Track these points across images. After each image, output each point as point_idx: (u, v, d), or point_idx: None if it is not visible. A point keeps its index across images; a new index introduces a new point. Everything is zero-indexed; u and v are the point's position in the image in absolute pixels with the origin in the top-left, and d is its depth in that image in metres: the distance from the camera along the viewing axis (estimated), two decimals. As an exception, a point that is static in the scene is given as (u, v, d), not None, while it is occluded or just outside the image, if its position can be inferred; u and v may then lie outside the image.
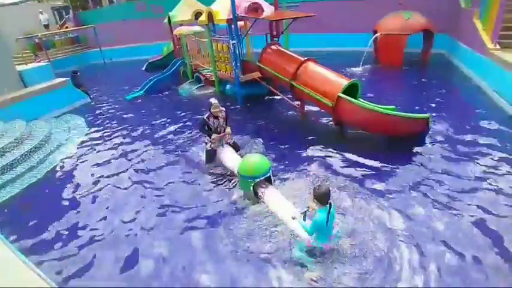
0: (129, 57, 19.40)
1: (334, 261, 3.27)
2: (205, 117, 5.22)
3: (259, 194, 4.32)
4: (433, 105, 7.24)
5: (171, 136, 7.06)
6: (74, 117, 9.08)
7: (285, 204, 4.03)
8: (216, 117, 5.24)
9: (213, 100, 5.17)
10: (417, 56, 11.21)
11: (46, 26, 21.20)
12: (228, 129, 5.35)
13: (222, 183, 4.98)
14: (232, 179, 4.98)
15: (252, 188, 4.31)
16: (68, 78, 10.26)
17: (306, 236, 3.37)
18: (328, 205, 3.15)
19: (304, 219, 3.37)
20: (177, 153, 6.21)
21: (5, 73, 8.97)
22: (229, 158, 5.18)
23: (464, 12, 10.40)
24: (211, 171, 5.33)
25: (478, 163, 4.80)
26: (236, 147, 5.52)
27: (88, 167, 6.14)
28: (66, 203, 5.06)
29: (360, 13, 13.27)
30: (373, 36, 11.15)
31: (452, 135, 5.74)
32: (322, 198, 3.13)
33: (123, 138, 7.34)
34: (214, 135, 5.22)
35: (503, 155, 4.92)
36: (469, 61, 9.34)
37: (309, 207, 3.30)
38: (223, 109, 5.33)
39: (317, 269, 3.22)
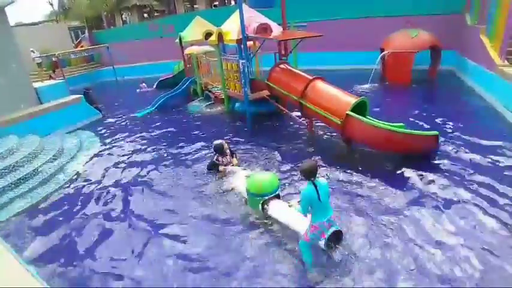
0: (140, 75, 19.94)
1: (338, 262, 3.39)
2: (214, 159, 5.65)
3: (265, 207, 4.31)
4: (442, 121, 7.19)
5: (180, 152, 7.13)
6: (86, 133, 9.29)
7: (289, 210, 4.03)
8: (223, 154, 5.63)
9: (217, 142, 5.64)
10: (425, 73, 11.24)
11: (39, 65, 20.31)
12: (234, 160, 5.70)
13: (231, 199, 4.99)
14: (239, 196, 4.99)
15: (260, 205, 4.31)
16: (81, 95, 10.60)
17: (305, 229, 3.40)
18: (313, 179, 3.12)
19: None
20: (186, 168, 6.25)
21: (22, 90, 9.31)
22: (239, 181, 5.20)
23: (471, 29, 10.49)
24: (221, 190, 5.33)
25: (488, 180, 4.69)
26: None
27: (98, 181, 6.23)
28: (76, 216, 5.11)
29: (367, 31, 13.50)
30: (381, 54, 11.28)
31: (462, 152, 5.67)
32: (306, 172, 3.13)
33: (134, 154, 7.44)
34: (221, 168, 5.57)
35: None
36: (477, 77, 9.35)
37: None
38: (228, 148, 5.78)
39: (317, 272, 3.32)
